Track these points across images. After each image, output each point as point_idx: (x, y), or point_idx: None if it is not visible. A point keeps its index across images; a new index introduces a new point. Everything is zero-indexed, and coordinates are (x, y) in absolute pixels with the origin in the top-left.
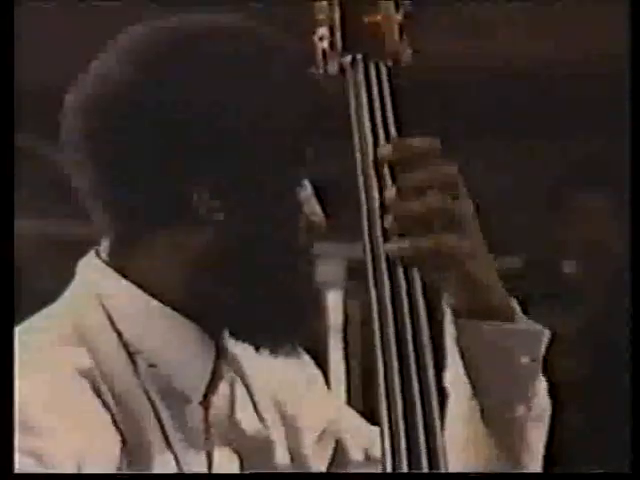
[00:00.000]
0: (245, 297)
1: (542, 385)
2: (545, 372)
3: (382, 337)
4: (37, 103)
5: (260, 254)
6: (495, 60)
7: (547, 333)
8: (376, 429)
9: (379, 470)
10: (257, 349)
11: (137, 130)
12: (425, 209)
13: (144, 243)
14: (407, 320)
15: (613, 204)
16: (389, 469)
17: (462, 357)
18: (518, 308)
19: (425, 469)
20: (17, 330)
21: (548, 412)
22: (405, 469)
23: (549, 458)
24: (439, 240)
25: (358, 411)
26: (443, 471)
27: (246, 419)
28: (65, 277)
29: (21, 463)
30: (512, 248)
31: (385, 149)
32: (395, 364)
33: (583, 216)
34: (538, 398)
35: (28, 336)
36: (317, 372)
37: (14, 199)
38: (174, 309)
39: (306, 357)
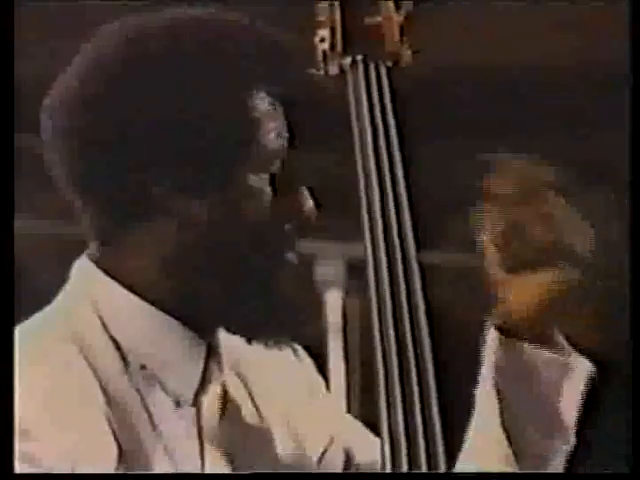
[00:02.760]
0: (234, 293)
1: (575, 417)
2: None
3: (382, 337)
4: (36, 102)
5: (244, 249)
6: (495, 61)
7: (591, 367)
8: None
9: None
10: (249, 341)
11: (103, 129)
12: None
13: (126, 243)
14: (406, 320)
15: (613, 204)
16: (388, 470)
17: (497, 374)
18: (564, 340)
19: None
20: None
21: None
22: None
23: None
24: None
25: (358, 413)
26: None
27: (242, 418)
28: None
29: (16, 467)
30: None
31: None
32: (395, 363)
33: (583, 216)
34: (571, 432)
35: (23, 340)
36: (319, 379)
37: (14, 199)
38: (163, 309)
39: (307, 360)
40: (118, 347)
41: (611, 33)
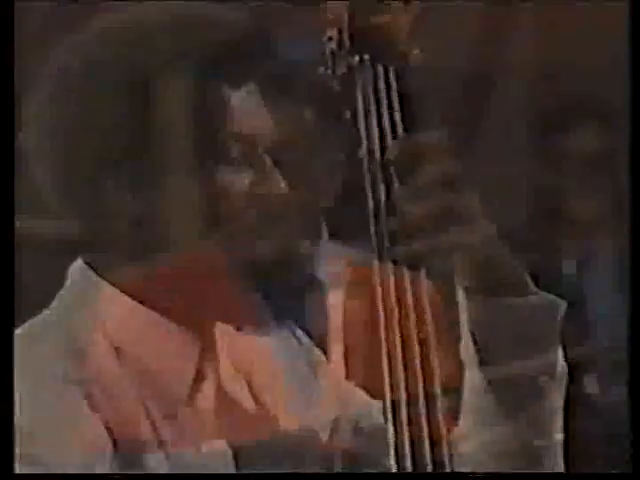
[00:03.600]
0: (226, 289)
1: (560, 353)
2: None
3: (387, 337)
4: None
5: (225, 241)
6: (500, 61)
7: (563, 304)
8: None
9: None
10: (238, 329)
11: (73, 128)
12: (433, 208)
13: (113, 244)
14: (412, 320)
15: (613, 203)
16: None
17: (473, 332)
18: (531, 282)
19: (429, 468)
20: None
21: (566, 376)
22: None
23: None
24: (451, 238)
25: None
26: (448, 470)
27: (242, 412)
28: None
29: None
30: (512, 248)
31: (394, 149)
32: (399, 362)
33: (583, 216)
34: (559, 365)
35: (20, 343)
36: (318, 353)
37: (14, 199)
38: (156, 309)
39: (305, 340)
40: (115, 347)
41: (611, 33)
